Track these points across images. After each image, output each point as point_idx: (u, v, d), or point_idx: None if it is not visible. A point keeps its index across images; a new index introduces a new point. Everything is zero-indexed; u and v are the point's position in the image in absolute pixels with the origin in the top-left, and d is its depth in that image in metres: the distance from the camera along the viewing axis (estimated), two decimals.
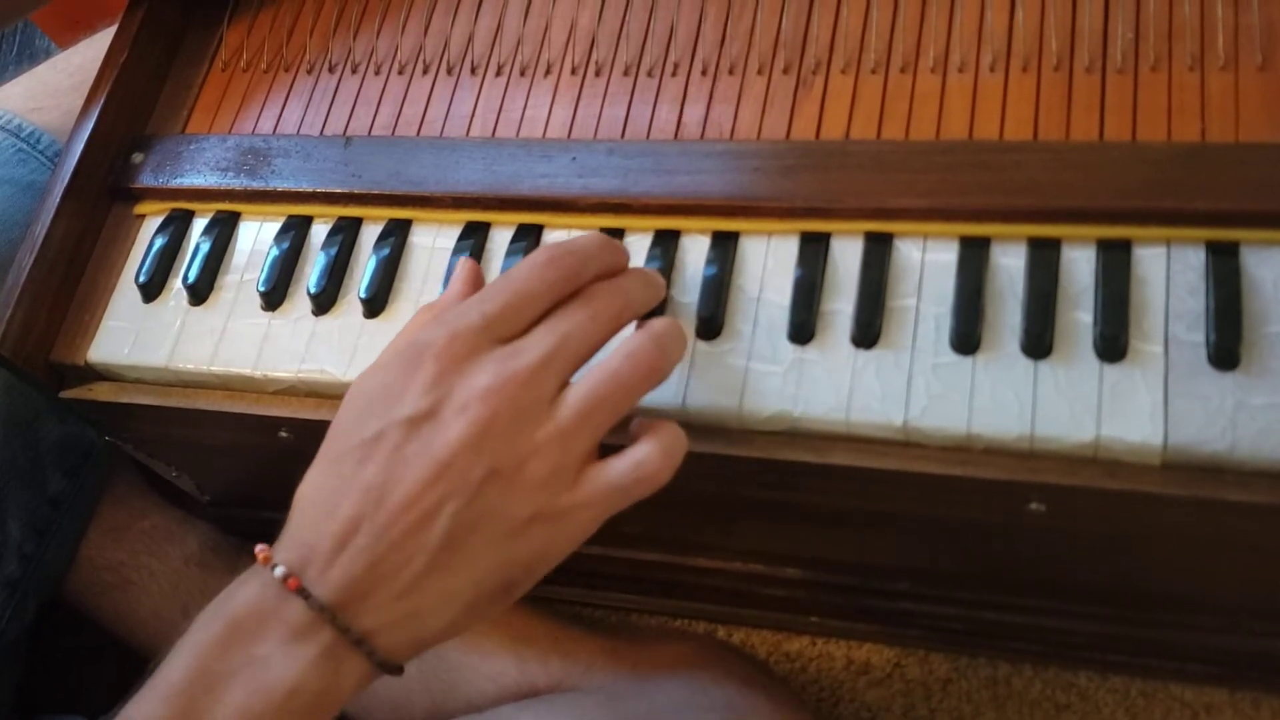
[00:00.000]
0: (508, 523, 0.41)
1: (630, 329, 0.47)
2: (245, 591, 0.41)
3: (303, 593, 0.40)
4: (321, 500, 0.42)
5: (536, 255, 0.45)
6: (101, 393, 0.57)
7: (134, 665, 0.71)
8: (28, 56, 1.12)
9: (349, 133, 0.59)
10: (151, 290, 0.57)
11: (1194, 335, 0.45)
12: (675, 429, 0.44)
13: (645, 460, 0.43)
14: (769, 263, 0.51)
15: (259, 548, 0.42)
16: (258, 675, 0.39)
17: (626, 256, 0.48)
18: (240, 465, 0.63)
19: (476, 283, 0.49)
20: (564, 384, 0.43)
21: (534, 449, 0.41)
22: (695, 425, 0.49)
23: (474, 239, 0.54)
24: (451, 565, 0.41)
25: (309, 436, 0.54)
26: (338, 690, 0.40)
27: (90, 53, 0.74)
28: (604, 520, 0.43)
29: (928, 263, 0.49)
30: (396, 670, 0.42)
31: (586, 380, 0.43)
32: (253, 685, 0.39)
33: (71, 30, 0.81)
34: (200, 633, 0.41)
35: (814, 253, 0.50)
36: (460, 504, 0.41)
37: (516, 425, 0.41)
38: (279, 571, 0.41)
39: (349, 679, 0.41)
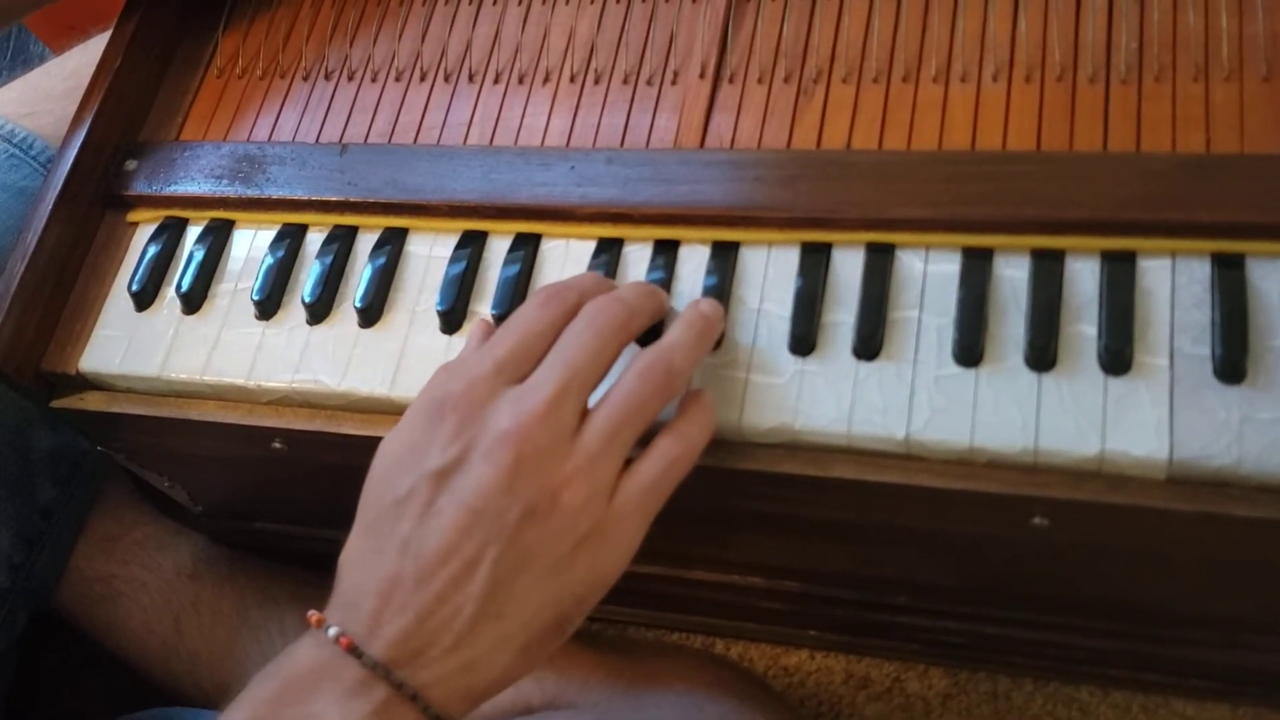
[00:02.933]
0: (550, 558, 0.41)
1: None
2: (300, 651, 0.42)
3: (355, 651, 0.40)
4: (361, 562, 0.43)
5: (536, 295, 0.46)
6: (93, 402, 0.56)
7: (125, 678, 0.71)
8: (22, 62, 1.12)
9: (345, 140, 0.58)
10: (144, 299, 0.56)
11: (1199, 348, 0.44)
12: (698, 406, 0.45)
13: (666, 450, 0.43)
14: (769, 273, 0.50)
15: (310, 613, 0.42)
16: None
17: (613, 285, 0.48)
18: (233, 476, 0.63)
19: None
20: (583, 408, 0.43)
21: (565, 480, 0.41)
22: None
23: (471, 248, 0.53)
24: (502, 611, 0.41)
25: (302, 447, 0.54)
26: None
27: (84, 58, 0.74)
28: (646, 528, 0.43)
29: (930, 274, 0.48)
30: None
31: (604, 406, 0.43)
32: None
33: (66, 35, 0.81)
34: (256, 689, 0.41)
35: (815, 263, 0.49)
36: (501, 548, 0.41)
37: (543, 461, 0.41)
38: (332, 631, 0.41)
39: None
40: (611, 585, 0.43)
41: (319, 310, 0.54)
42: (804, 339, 0.48)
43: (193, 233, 0.58)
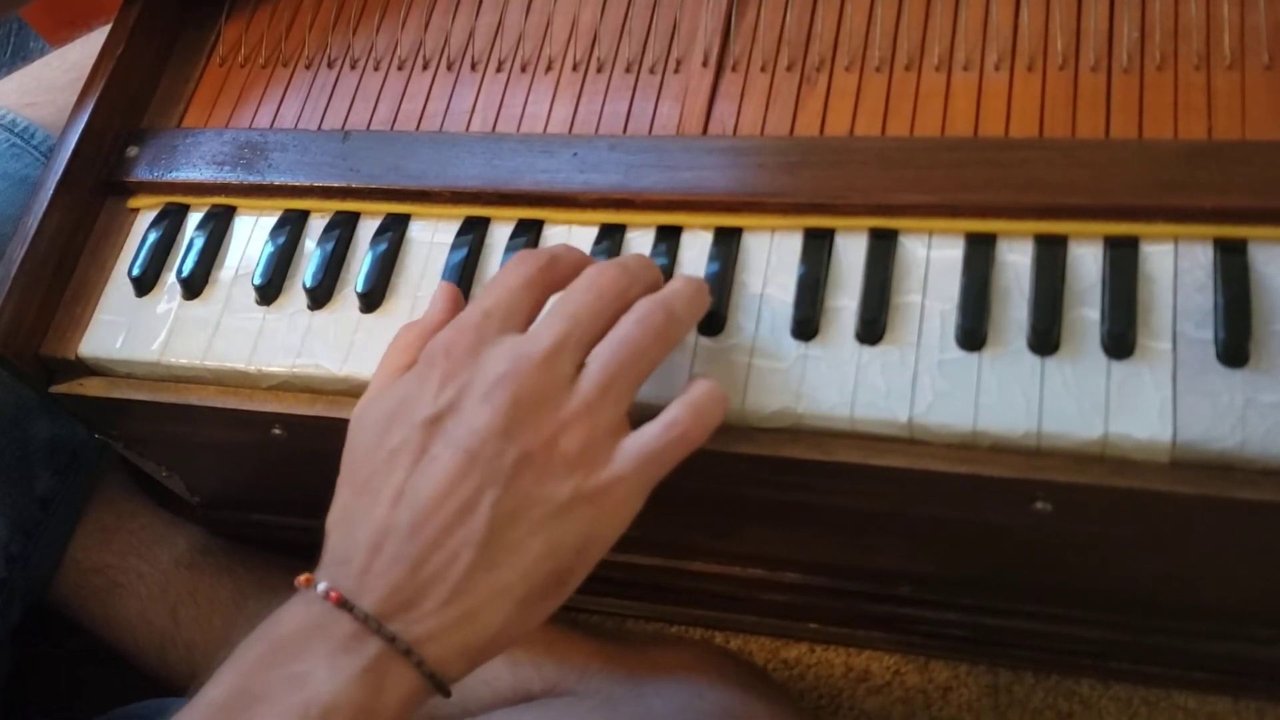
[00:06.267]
0: (548, 505, 0.40)
1: None
2: (289, 612, 0.40)
3: (345, 604, 0.39)
4: (350, 516, 0.41)
5: (514, 258, 0.46)
6: (92, 388, 0.56)
7: (122, 670, 0.70)
8: (21, 58, 1.12)
9: (347, 128, 0.58)
10: (145, 284, 0.56)
11: (1202, 332, 0.44)
12: (710, 386, 0.43)
13: (675, 420, 0.42)
14: (772, 259, 0.50)
15: (298, 577, 0.41)
16: (297, 691, 0.38)
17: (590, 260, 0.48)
18: (232, 464, 0.63)
19: (456, 303, 0.49)
20: (581, 363, 0.43)
21: (561, 426, 0.41)
22: None
23: (473, 234, 0.53)
24: (499, 560, 0.39)
25: (302, 433, 0.54)
26: (381, 708, 0.38)
27: (86, 49, 0.74)
28: (647, 492, 0.42)
29: (933, 259, 0.48)
30: (445, 690, 0.40)
31: (601, 351, 0.43)
32: (291, 701, 0.37)
33: (67, 29, 0.81)
34: (245, 652, 0.40)
35: (818, 249, 0.49)
36: (497, 492, 0.40)
37: (540, 406, 0.41)
38: (321, 587, 0.39)
39: (394, 695, 0.38)
40: (609, 546, 0.42)
41: (320, 295, 0.54)
42: (807, 323, 0.48)
43: (194, 219, 0.57)
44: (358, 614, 0.39)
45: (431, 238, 0.54)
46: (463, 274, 0.52)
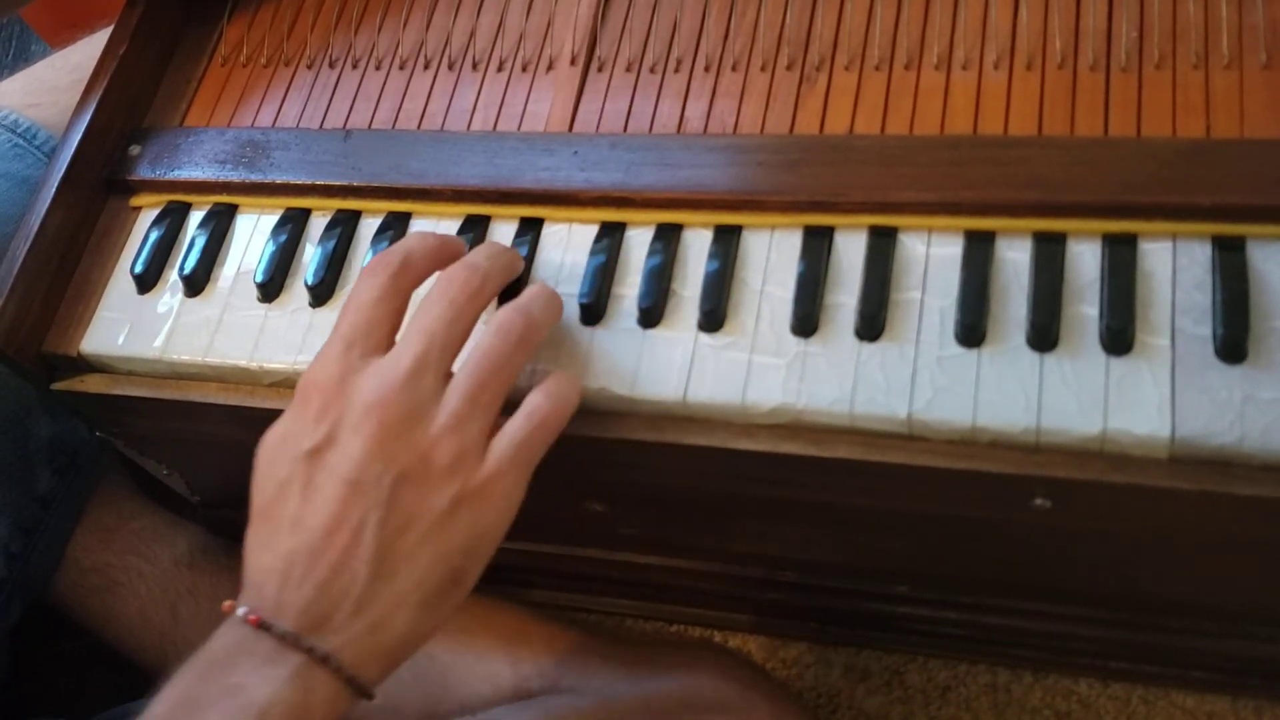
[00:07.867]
0: (431, 516, 0.43)
1: None
2: (218, 636, 0.44)
3: (264, 625, 0.42)
4: (259, 545, 0.45)
5: (364, 269, 0.47)
6: (94, 384, 0.56)
7: (121, 670, 0.70)
8: (23, 61, 1.12)
9: (349, 127, 0.58)
10: (147, 281, 0.56)
11: (1201, 329, 0.45)
12: (561, 373, 0.47)
13: (535, 409, 0.45)
14: (772, 256, 0.50)
15: (224, 603, 0.44)
16: (234, 697, 0.41)
17: (451, 243, 0.49)
18: (233, 462, 0.62)
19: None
20: (446, 374, 0.45)
21: (433, 442, 0.43)
22: (697, 419, 0.49)
23: (474, 232, 0.54)
24: (395, 570, 0.43)
25: None
26: (310, 710, 0.42)
27: (89, 51, 0.74)
28: (525, 481, 0.45)
29: (932, 256, 0.48)
30: (367, 693, 0.43)
31: (466, 366, 0.45)
32: (230, 705, 0.41)
33: (69, 31, 0.81)
34: (181, 673, 0.43)
35: (818, 246, 0.50)
36: (382, 513, 0.43)
37: (410, 426, 0.43)
38: (240, 611, 0.43)
39: (320, 697, 0.42)
40: (499, 539, 0.45)
41: (322, 293, 0.54)
42: (807, 320, 0.48)
43: (195, 217, 0.58)
44: (275, 632, 0.42)
45: None
46: None
